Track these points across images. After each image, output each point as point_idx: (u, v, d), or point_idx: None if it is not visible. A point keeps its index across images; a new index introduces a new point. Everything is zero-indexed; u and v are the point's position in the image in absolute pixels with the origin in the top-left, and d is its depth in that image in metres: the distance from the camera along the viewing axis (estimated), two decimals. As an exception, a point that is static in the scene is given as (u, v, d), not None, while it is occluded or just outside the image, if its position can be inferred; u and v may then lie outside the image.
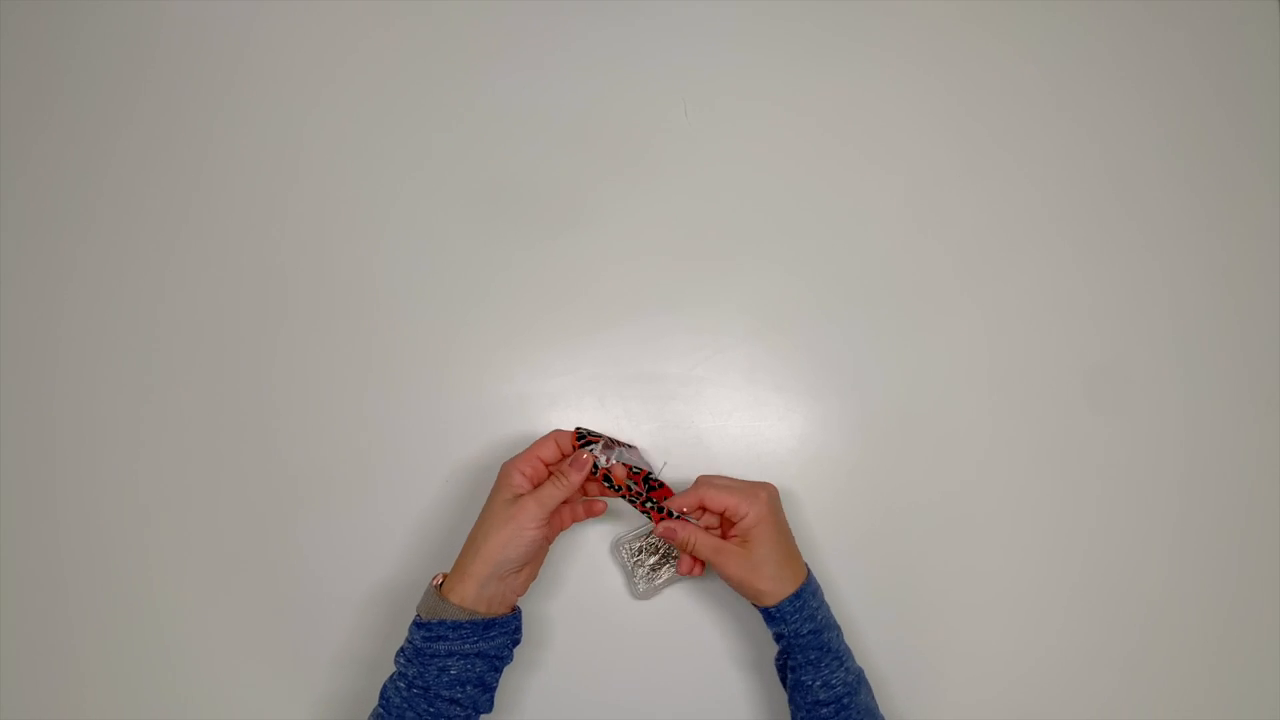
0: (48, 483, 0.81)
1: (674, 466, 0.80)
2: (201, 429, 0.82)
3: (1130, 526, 0.81)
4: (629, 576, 0.78)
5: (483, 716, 0.69)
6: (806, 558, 0.72)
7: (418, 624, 0.68)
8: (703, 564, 0.74)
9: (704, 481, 0.72)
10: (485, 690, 0.68)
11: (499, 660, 0.69)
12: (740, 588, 0.70)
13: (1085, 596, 0.80)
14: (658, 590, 0.78)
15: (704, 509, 0.72)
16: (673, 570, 0.76)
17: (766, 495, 0.71)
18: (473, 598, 0.67)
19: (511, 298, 0.83)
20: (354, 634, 0.79)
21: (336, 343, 0.83)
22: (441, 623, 0.66)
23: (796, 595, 0.69)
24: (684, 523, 0.71)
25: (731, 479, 0.73)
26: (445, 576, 0.69)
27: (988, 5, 0.86)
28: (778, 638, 0.71)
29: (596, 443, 0.72)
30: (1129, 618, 0.80)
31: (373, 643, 0.79)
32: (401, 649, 0.68)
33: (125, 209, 0.84)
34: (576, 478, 0.69)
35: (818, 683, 0.68)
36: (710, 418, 0.82)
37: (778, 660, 0.72)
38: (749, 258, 0.83)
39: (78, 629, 0.80)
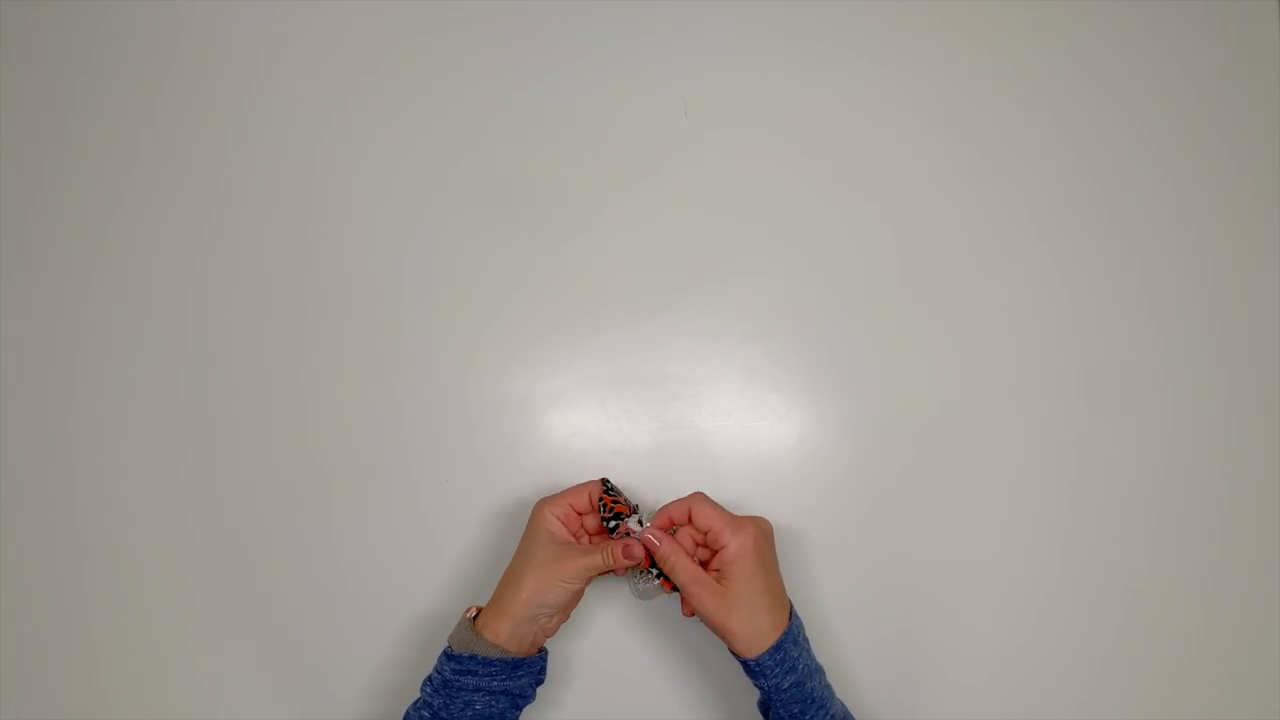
0: (60, 487, 0.81)
1: (675, 468, 0.80)
2: (208, 431, 0.82)
3: (1128, 526, 0.80)
4: (629, 578, 0.78)
5: None
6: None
7: (449, 655, 0.67)
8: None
9: (698, 496, 0.70)
10: None
11: (521, 699, 0.68)
12: (714, 629, 0.67)
13: (1083, 595, 0.80)
14: (658, 591, 0.77)
15: (690, 523, 0.69)
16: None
17: (754, 529, 0.67)
18: (505, 636, 0.66)
19: (511, 298, 0.83)
20: (350, 634, 0.79)
21: (338, 344, 0.83)
22: (473, 657, 0.66)
23: (777, 647, 0.65)
24: (667, 538, 0.68)
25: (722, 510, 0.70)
26: (479, 610, 0.69)
27: (985, 11, 0.86)
28: (758, 688, 0.68)
29: (621, 513, 0.71)
30: (1127, 617, 0.79)
31: (366, 641, 0.79)
32: (429, 678, 0.68)
33: (141, 214, 0.84)
34: (625, 561, 0.68)
35: None
36: (710, 418, 0.82)
37: (760, 705, 0.70)
38: (749, 258, 0.83)
39: (85, 638, 0.80)
